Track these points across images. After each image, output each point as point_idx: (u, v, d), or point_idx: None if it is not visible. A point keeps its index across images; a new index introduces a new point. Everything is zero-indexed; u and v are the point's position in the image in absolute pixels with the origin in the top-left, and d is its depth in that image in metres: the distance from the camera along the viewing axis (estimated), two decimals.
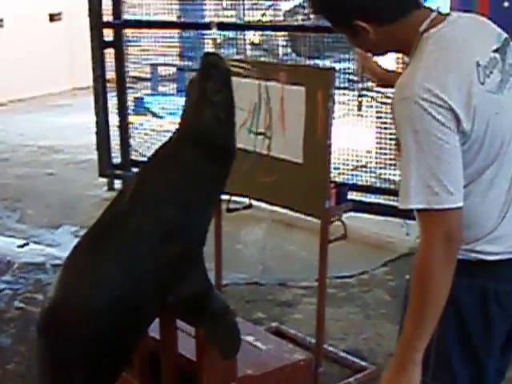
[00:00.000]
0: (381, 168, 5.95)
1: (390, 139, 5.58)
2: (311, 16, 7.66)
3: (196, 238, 2.77)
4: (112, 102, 7.07)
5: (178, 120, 2.86)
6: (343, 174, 5.99)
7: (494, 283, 2.06)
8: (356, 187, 5.79)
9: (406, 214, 2.16)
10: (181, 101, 8.53)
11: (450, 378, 2.12)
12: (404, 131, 1.91)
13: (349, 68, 6.23)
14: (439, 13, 2.04)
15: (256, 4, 7.15)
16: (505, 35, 2.09)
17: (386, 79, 2.66)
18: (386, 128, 5.70)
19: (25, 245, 5.80)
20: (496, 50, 2.03)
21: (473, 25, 2.08)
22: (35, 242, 5.89)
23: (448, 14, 2.05)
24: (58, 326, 2.67)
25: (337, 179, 5.48)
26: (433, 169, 1.87)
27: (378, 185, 5.91)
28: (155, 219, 2.68)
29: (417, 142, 1.88)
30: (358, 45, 2.20)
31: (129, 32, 7.05)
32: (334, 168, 5.73)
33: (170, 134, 2.89)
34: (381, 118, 5.86)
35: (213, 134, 2.75)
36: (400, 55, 3.47)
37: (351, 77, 6.05)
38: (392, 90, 2.05)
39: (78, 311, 2.63)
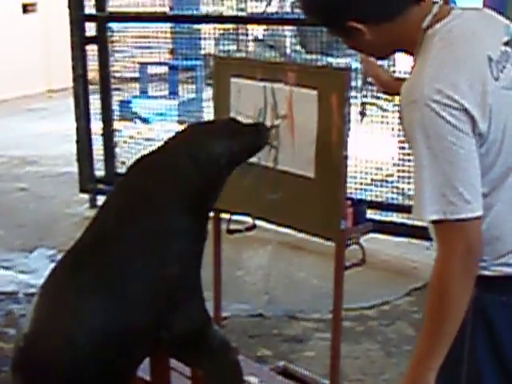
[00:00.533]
0: (403, 182, 5.97)
1: None
2: None
3: (193, 261, 2.80)
4: (95, 105, 7.10)
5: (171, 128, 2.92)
6: (360, 189, 6.01)
7: None
8: (375, 204, 5.80)
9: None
10: (173, 103, 8.55)
11: None
12: (415, 137, 1.98)
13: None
14: (441, 5, 2.11)
15: None
16: None
17: (393, 87, 2.70)
18: None
19: None
20: (506, 43, 2.10)
21: (479, 18, 2.16)
22: (6, 268, 5.90)
23: (452, 7, 2.12)
24: (34, 365, 2.69)
25: (354, 196, 5.50)
26: (447, 176, 1.94)
27: (399, 201, 5.93)
28: (146, 243, 2.71)
29: (429, 147, 1.95)
30: (355, 48, 2.27)
31: (114, 26, 7.09)
32: (350, 183, 5.76)
33: (160, 143, 2.97)
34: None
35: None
36: None
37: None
38: None
39: (56, 347, 2.65)
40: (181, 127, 3.12)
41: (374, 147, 6.04)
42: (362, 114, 5.89)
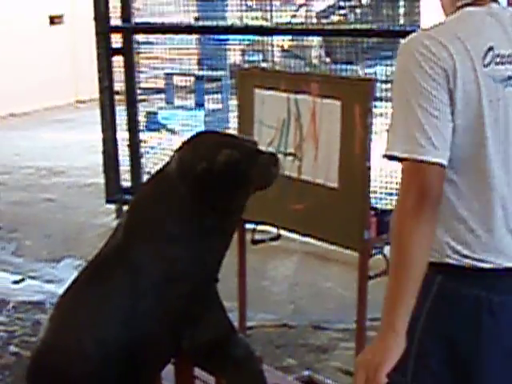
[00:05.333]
0: None
1: None
2: (348, 17, 7.74)
3: (204, 275, 2.83)
4: (121, 116, 7.15)
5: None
6: (385, 199, 6.00)
7: (488, 293, 2.20)
8: None
9: None
10: (199, 114, 8.58)
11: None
12: (396, 80, 2.17)
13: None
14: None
15: (285, 4, 7.21)
16: None
17: None
18: None
19: (21, 281, 5.88)
20: None
21: (508, 16, 2.26)
22: (33, 278, 5.97)
23: (495, 1, 2.26)
24: (47, 376, 2.76)
25: (378, 206, 5.50)
26: (420, 120, 2.09)
27: None
28: (155, 255, 2.75)
29: (406, 91, 2.12)
30: None
31: (140, 37, 7.15)
32: (375, 193, 5.76)
33: None
34: None
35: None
36: None
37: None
38: None
39: (69, 359, 2.71)
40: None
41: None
42: None
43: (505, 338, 2.25)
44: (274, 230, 3.94)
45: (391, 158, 2.15)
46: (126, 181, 7.24)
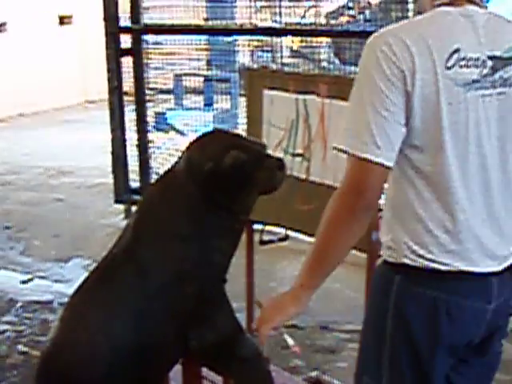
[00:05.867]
0: None
1: None
2: (357, 18, 7.74)
3: (212, 276, 2.83)
4: (130, 117, 7.18)
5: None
6: None
7: (446, 295, 2.22)
8: None
9: None
10: (208, 115, 8.58)
11: (400, 381, 2.31)
12: (357, 75, 2.19)
13: None
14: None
15: (295, 6, 7.20)
16: None
17: None
18: None
19: (29, 280, 5.90)
20: (493, 57, 2.18)
21: (487, 21, 2.22)
22: (41, 278, 5.99)
23: (473, 2, 2.23)
24: (57, 376, 2.76)
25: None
26: (368, 118, 2.10)
27: None
28: (164, 255, 2.76)
29: (361, 87, 2.14)
30: None
31: (149, 38, 7.16)
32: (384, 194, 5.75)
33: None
34: None
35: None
36: None
37: None
38: None
39: (79, 360, 2.71)
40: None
41: None
42: None
43: (455, 338, 2.26)
44: (282, 230, 3.94)
45: (340, 150, 2.17)
46: (134, 181, 7.26)
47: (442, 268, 2.20)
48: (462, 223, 2.19)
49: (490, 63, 2.18)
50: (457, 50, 2.13)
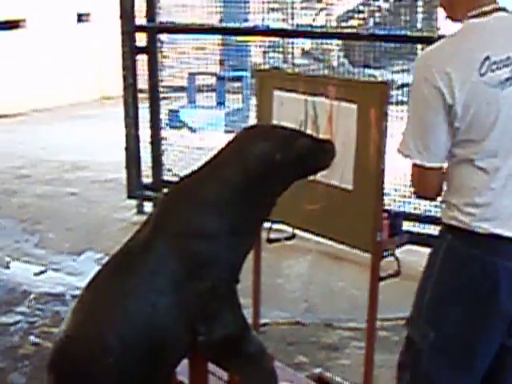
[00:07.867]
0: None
1: None
2: (367, 21, 7.73)
3: (226, 274, 2.82)
4: (144, 114, 7.17)
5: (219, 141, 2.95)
6: (399, 201, 5.99)
7: (482, 254, 2.55)
8: (411, 216, 5.78)
9: None
10: (220, 113, 8.59)
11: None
12: (410, 92, 2.60)
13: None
14: (497, 8, 2.54)
15: (306, 8, 7.20)
16: None
17: None
18: None
19: (42, 272, 5.91)
20: None
21: (507, 23, 2.54)
22: (54, 270, 5.99)
23: (500, 9, 2.53)
24: (68, 367, 2.76)
25: (392, 208, 5.48)
26: (420, 130, 2.52)
27: (435, 213, 5.89)
28: (179, 252, 2.75)
29: (411, 105, 2.58)
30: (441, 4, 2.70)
31: (164, 37, 7.17)
32: (389, 195, 5.75)
33: (207, 152, 2.97)
34: None
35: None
36: None
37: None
38: None
39: (91, 348, 2.72)
40: (228, 136, 3.11)
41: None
42: None
43: (501, 301, 2.54)
44: (289, 229, 3.93)
45: (405, 156, 2.58)
46: (147, 177, 7.26)
47: (486, 232, 2.53)
48: (508, 196, 2.54)
49: None
50: (487, 58, 2.44)
